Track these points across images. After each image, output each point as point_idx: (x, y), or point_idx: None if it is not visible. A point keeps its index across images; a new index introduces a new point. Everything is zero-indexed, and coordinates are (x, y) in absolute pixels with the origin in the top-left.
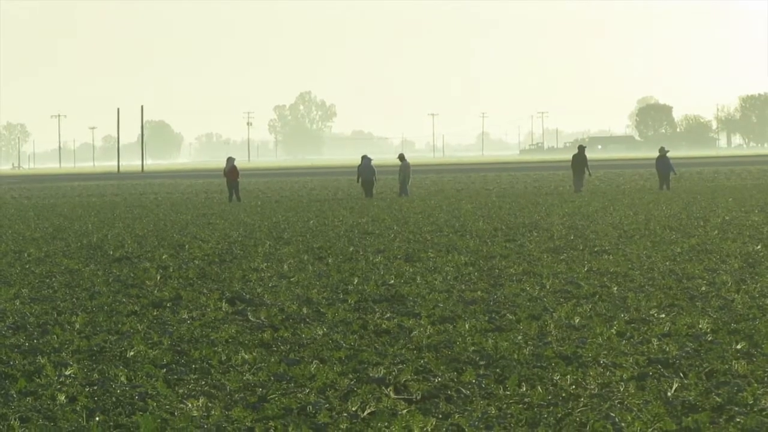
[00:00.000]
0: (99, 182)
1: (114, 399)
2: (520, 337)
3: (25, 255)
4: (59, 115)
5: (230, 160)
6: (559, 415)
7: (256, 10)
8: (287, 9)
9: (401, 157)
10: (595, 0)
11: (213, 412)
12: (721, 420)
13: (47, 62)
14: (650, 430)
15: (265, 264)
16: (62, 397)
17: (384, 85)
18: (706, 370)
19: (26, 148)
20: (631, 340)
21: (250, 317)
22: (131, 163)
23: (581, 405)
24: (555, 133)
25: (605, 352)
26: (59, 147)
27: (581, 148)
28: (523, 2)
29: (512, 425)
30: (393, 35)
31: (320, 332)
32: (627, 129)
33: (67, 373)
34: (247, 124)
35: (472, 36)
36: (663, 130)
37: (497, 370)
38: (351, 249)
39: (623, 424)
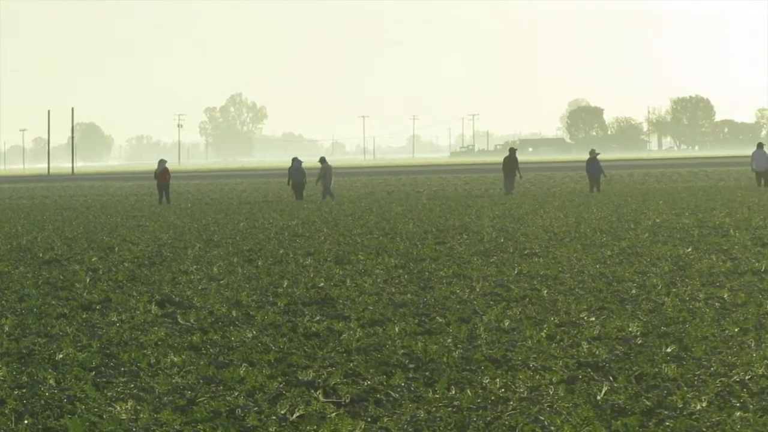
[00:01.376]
0: (29, 185)
1: (43, 402)
2: (449, 340)
3: None
4: None
5: (162, 162)
6: (489, 419)
7: (187, 13)
8: (218, 11)
9: (322, 160)
10: (526, 2)
11: (142, 415)
12: (650, 424)
13: None
14: None
15: (195, 266)
16: None
17: (315, 87)
18: (636, 373)
19: None
20: (561, 343)
21: (179, 320)
22: (62, 165)
23: (510, 408)
24: (486, 135)
25: (535, 356)
26: None
27: (512, 151)
28: (455, 4)
29: (441, 428)
30: (324, 37)
31: (249, 335)
32: (558, 131)
33: None
34: (178, 126)
35: (404, 38)
36: (594, 133)
37: (426, 373)
38: (281, 251)
39: (552, 428)
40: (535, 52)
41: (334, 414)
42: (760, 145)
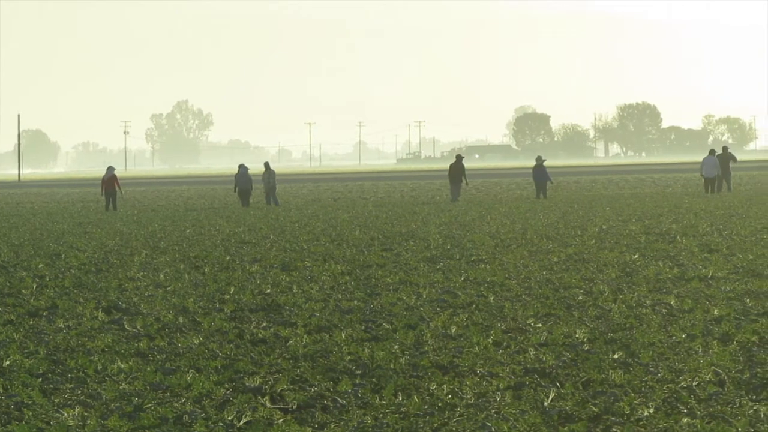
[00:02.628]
0: None
1: None
2: (396, 347)
3: None
4: None
5: (110, 169)
6: (436, 425)
7: (133, 19)
8: (164, 17)
9: (266, 165)
10: (473, 9)
11: (89, 422)
12: (597, 430)
13: None
14: None
15: (142, 273)
16: None
17: (261, 94)
18: (583, 379)
19: None
20: (508, 349)
21: (126, 326)
22: (8, 172)
23: (457, 415)
24: (432, 142)
25: (482, 362)
26: None
27: (459, 158)
28: (402, 11)
29: None
30: (269, 44)
31: (196, 341)
32: (504, 138)
33: None
34: (124, 133)
35: (350, 44)
36: (540, 139)
37: (373, 379)
38: (227, 258)
39: None
40: (481, 58)
41: (281, 420)
42: (711, 152)
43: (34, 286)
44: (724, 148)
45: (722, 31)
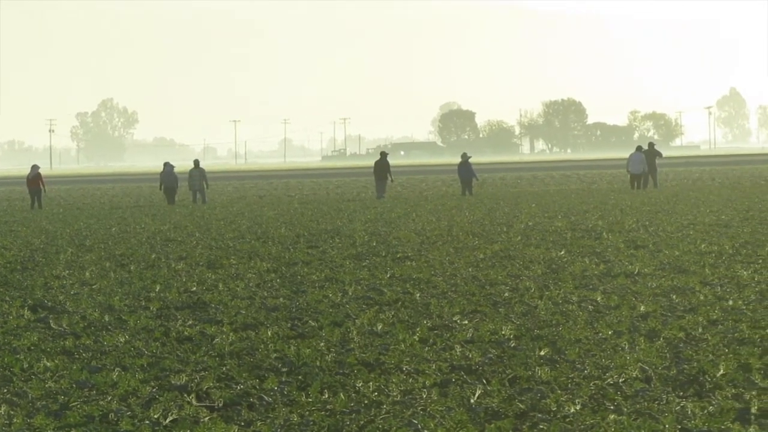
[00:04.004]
0: None
1: None
2: (322, 344)
3: None
4: None
5: (34, 167)
6: (362, 422)
7: (57, 16)
8: (88, 14)
9: (196, 163)
10: (397, 6)
11: (15, 420)
12: (524, 427)
13: None
14: None
15: (67, 271)
16: None
17: (186, 92)
18: (510, 376)
19: None
20: (434, 346)
21: (52, 325)
22: None
23: (384, 412)
24: (358, 139)
25: (408, 359)
26: None
27: (383, 155)
28: (327, 6)
29: None
30: (193, 41)
31: (122, 339)
32: (430, 135)
33: None
34: (49, 131)
35: (274, 41)
36: (466, 136)
37: (299, 377)
38: (153, 256)
39: (426, 431)
40: (407, 55)
41: (207, 418)
42: (638, 148)
43: None
44: (651, 144)
45: (648, 26)
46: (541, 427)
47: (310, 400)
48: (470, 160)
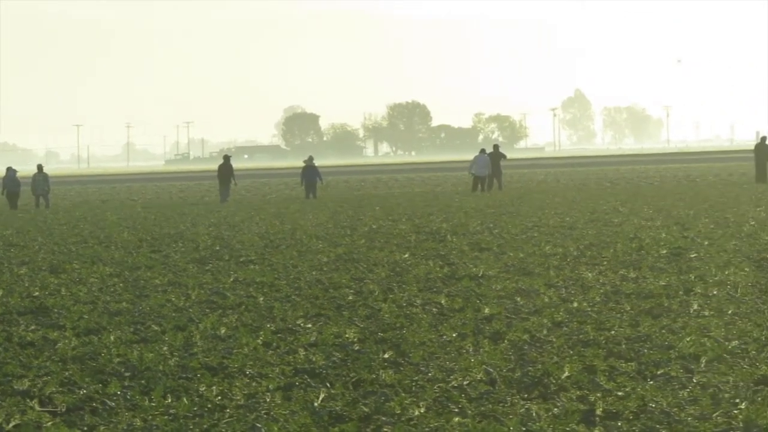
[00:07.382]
0: None
1: None
2: (165, 348)
3: None
4: None
5: None
6: (205, 427)
7: None
8: None
9: (40, 168)
10: (241, 8)
11: None
12: (368, 430)
13: None
14: None
15: None
16: None
17: (27, 96)
18: (354, 379)
19: None
20: (278, 350)
21: None
22: None
23: (227, 416)
24: (201, 143)
25: (251, 363)
26: None
27: (227, 158)
28: (170, 11)
29: None
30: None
31: None
32: (274, 138)
33: None
34: None
35: (115, 43)
36: (310, 139)
37: (142, 381)
38: None
39: None
40: (250, 58)
41: (50, 423)
42: (482, 151)
43: None
44: (495, 147)
45: (491, 28)
46: (385, 430)
47: (154, 404)
48: (315, 163)
